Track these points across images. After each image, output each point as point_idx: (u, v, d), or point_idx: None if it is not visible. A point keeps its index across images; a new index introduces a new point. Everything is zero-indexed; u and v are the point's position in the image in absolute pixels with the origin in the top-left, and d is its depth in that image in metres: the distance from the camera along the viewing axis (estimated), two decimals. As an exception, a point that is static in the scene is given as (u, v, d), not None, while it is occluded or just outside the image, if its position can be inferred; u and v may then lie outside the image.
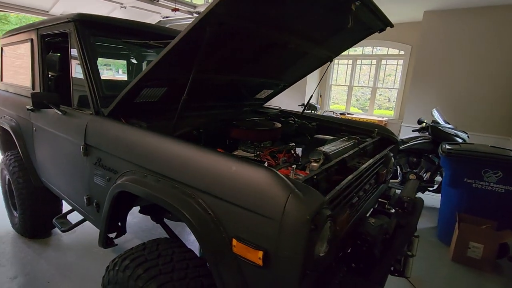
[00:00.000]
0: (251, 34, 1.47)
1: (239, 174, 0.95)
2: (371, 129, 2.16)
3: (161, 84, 1.59)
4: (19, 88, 2.48)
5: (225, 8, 1.12)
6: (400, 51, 6.92)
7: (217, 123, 1.96)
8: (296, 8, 1.34)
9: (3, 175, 2.73)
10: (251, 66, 1.93)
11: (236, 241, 0.95)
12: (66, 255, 2.53)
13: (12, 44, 2.63)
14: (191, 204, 1.07)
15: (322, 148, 1.42)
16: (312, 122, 2.40)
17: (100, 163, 1.54)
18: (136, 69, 3.42)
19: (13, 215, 2.78)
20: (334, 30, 1.79)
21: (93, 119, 1.61)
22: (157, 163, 1.22)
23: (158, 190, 1.17)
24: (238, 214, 0.95)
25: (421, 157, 4.00)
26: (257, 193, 0.91)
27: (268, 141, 1.95)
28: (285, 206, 0.85)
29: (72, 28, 1.71)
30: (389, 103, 14.00)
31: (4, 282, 2.18)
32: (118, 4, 4.00)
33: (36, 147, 2.23)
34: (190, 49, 1.30)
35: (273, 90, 2.65)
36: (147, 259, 1.25)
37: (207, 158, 1.06)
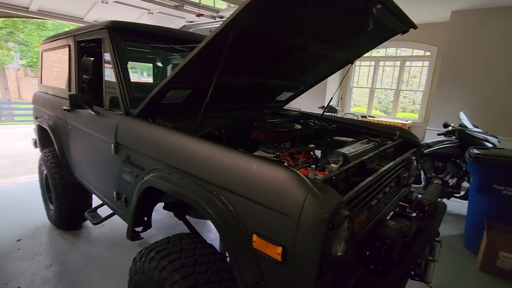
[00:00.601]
0: (271, 38, 1.51)
1: (259, 173, 1.00)
2: (393, 132, 2.13)
3: (186, 87, 1.68)
4: (57, 90, 2.69)
5: (248, 15, 1.17)
6: (426, 52, 6.68)
7: (239, 124, 2.02)
8: (316, 12, 1.37)
9: (41, 170, 2.96)
10: (272, 69, 1.97)
11: (256, 236, 1.00)
12: (95, 247, 2.70)
13: (51, 49, 2.85)
14: (214, 201, 1.12)
15: (342, 150, 1.44)
16: (332, 124, 2.40)
17: (129, 160, 1.64)
18: (162, 72, 3.58)
19: (49, 208, 3.00)
20: (354, 33, 1.79)
21: (123, 119, 1.72)
22: (181, 161, 1.30)
23: (182, 187, 1.24)
24: (258, 211, 1.00)
25: (447, 162, 3.85)
26: (276, 191, 0.95)
27: (288, 142, 1.98)
28: (303, 204, 0.88)
29: (106, 34, 1.84)
30: (413, 105, 13.50)
31: (41, 270, 2.36)
32: (145, 10, 4.21)
33: (71, 145, 2.40)
34: (213, 53, 1.36)
35: (293, 93, 2.68)
36: (171, 252, 1.32)
37: (229, 157, 1.11)
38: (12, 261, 2.46)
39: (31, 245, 2.69)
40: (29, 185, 4.19)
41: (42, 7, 3.79)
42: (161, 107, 1.76)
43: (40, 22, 12.15)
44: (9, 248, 2.63)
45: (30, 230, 2.95)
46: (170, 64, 3.50)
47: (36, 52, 13.37)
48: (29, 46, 13.20)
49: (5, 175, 4.60)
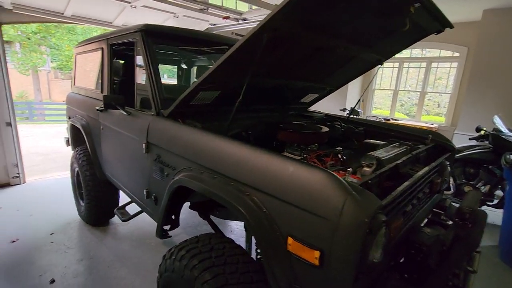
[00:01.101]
0: (302, 39, 1.50)
1: (296, 175, 0.99)
2: (424, 135, 2.05)
3: (215, 88, 1.70)
4: (89, 91, 2.81)
5: (283, 16, 1.17)
6: (455, 53, 6.40)
7: (265, 125, 2.02)
8: (351, 12, 1.35)
9: (73, 168, 3.10)
10: (299, 70, 1.96)
11: (292, 239, 0.99)
12: (122, 244, 2.79)
13: (84, 52, 2.99)
14: (246, 201, 1.13)
15: (374, 153, 1.40)
16: (358, 126, 2.35)
17: (160, 159, 1.69)
18: (186, 73, 3.66)
19: (79, 204, 3.14)
20: (386, 33, 1.75)
21: (155, 120, 1.77)
22: (213, 161, 1.31)
23: (214, 186, 1.26)
24: (293, 213, 0.99)
25: (480, 168, 3.65)
26: (314, 194, 0.93)
27: (315, 145, 1.95)
28: (342, 208, 0.87)
29: (139, 37, 1.91)
30: (438, 108, 12.99)
31: (72, 263, 2.47)
32: (171, 14, 4.32)
33: (103, 144, 2.50)
34: (246, 55, 1.37)
35: (318, 94, 2.65)
36: (201, 251, 1.34)
37: (264, 158, 1.11)
38: (46, 254, 2.59)
39: (63, 239, 2.82)
40: (60, 181, 4.41)
41: (75, 12, 3.99)
42: (190, 108, 1.80)
43: (70, 27, 12.81)
44: (43, 241, 2.77)
45: (62, 224, 3.10)
46: (194, 66, 3.58)
47: (66, 56, 14.11)
48: (60, 49, 13.95)
49: (38, 172, 4.87)
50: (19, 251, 2.61)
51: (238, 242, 1.40)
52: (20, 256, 2.54)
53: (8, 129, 3.87)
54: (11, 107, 3.85)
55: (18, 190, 3.98)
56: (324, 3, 1.20)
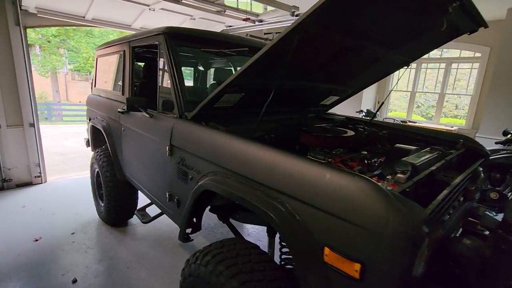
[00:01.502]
0: (331, 40, 1.46)
1: (334, 182, 0.95)
2: (455, 139, 1.96)
3: (240, 90, 1.68)
4: (110, 93, 2.85)
5: (316, 18, 1.14)
6: (476, 53, 6.19)
7: (287, 128, 1.98)
8: (385, 12, 1.30)
9: (93, 169, 3.15)
10: (324, 72, 1.91)
11: (329, 250, 0.95)
12: (140, 244, 2.80)
13: (105, 55, 3.03)
14: (278, 207, 1.09)
15: (408, 159, 1.34)
16: (382, 130, 2.28)
17: (184, 162, 1.67)
18: (202, 75, 3.67)
19: (99, 205, 3.18)
20: (417, 34, 1.68)
21: (178, 122, 1.76)
22: (242, 165, 1.28)
23: (242, 191, 1.23)
24: (331, 222, 0.95)
25: (506, 174, 3.49)
26: (354, 202, 0.89)
27: (339, 149, 1.90)
28: (387, 219, 0.82)
29: (162, 40, 1.91)
30: (456, 110, 12.61)
31: (93, 263, 2.50)
32: (188, 16, 4.35)
33: (123, 145, 2.52)
34: (274, 57, 1.34)
35: (339, 97, 2.59)
36: (227, 257, 1.31)
37: (297, 164, 1.07)
38: (68, 253, 2.63)
39: (84, 239, 2.86)
40: (79, 181, 4.50)
41: (96, 16, 4.08)
42: (212, 111, 1.78)
43: (88, 30, 13.15)
44: (65, 241, 2.82)
45: (82, 224, 3.15)
46: (211, 68, 3.58)
47: (84, 58, 14.49)
48: (78, 52, 14.34)
49: (58, 171, 4.99)
50: (42, 249, 2.67)
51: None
52: (43, 254, 2.59)
53: (31, 129, 3.98)
54: (34, 109, 3.96)
55: (40, 189, 4.08)
56: (360, 2, 1.16)
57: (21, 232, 2.94)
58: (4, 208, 3.46)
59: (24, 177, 4.10)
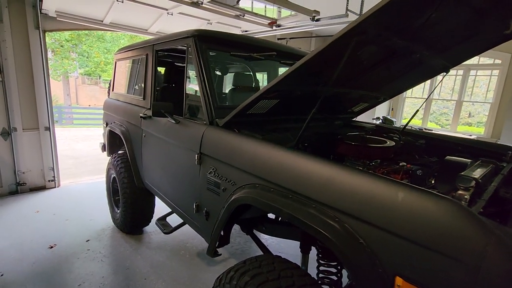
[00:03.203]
0: (384, 42, 1.36)
1: (409, 203, 0.83)
2: (500, 150, 1.83)
3: (277, 96, 1.58)
4: (130, 97, 2.77)
5: (376, 18, 1.03)
6: (496, 60, 6.03)
7: (321, 136, 1.87)
8: (447, 12, 1.19)
9: (109, 174, 3.06)
10: (363, 77, 1.80)
11: (402, 280, 0.82)
12: (157, 254, 2.70)
13: (126, 58, 2.97)
14: (336, 228, 0.98)
15: (469, 174, 1.21)
16: (418, 139, 2.15)
17: (216, 173, 1.57)
18: (219, 80, 3.59)
19: (114, 211, 3.09)
20: (468, 36, 1.57)
21: (209, 129, 1.67)
22: (289, 178, 1.17)
23: (291, 208, 1.11)
24: (405, 248, 0.83)
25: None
26: (439, 227, 0.77)
27: (376, 160, 1.78)
28: (485, 250, 0.70)
29: (192, 43, 1.82)
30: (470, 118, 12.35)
31: (110, 274, 2.39)
32: (205, 20, 4.30)
33: (144, 151, 2.43)
34: (324, 60, 1.24)
35: (369, 103, 2.47)
36: (268, 279, 1.20)
37: (359, 179, 0.96)
38: (83, 262, 2.53)
39: (99, 247, 2.77)
40: (92, 185, 4.43)
41: (114, 20, 4.05)
42: (244, 118, 1.69)
43: (100, 34, 13.31)
44: (80, 248, 2.73)
45: (97, 231, 3.06)
46: (229, 73, 3.50)
47: (95, 62, 14.64)
48: (89, 56, 14.51)
49: (71, 175, 4.94)
50: (57, 257, 2.58)
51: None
52: (59, 263, 2.50)
53: (47, 133, 3.94)
54: (50, 113, 3.92)
55: (54, 194, 4.02)
56: (422, 4, 1.05)
57: (35, 238, 2.86)
58: (18, 213, 3.39)
59: (38, 181, 4.05)
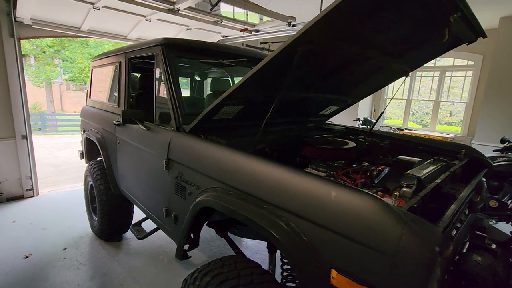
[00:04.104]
0: (335, 51, 1.44)
1: (340, 201, 0.90)
2: (456, 149, 1.94)
3: (240, 102, 1.64)
4: (105, 104, 2.79)
5: (318, 29, 1.11)
6: (469, 62, 6.29)
7: (287, 140, 1.94)
8: (388, 23, 1.28)
9: (86, 181, 3.05)
10: (324, 83, 1.89)
11: (336, 272, 0.89)
12: (135, 260, 2.70)
13: (101, 66, 2.98)
14: (282, 227, 1.04)
15: (413, 172, 1.30)
16: (383, 140, 2.25)
17: (182, 177, 1.61)
18: (199, 86, 3.64)
19: (92, 218, 3.08)
20: (419, 43, 1.67)
21: (176, 135, 1.71)
22: (244, 181, 1.23)
23: (245, 209, 1.17)
24: (338, 242, 0.90)
25: (505, 181, 3.48)
26: (363, 222, 0.84)
27: (340, 160, 1.86)
28: (400, 241, 0.77)
29: (159, 51, 1.87)
30: (450, 117, 12.77)
31: (85, 281, 2.39)
32: (184, 26, 4.35)
33: (118, 158, 2.45)
34: (275, 69, 1.31)
35: (339, 106, 2.57)
36: (228, 278, 1.24)
37: (302, 181, 1.03)
38: (59, 270, 2.52)
39: (76, 255, 2.75)
40: (72, 194, 4.38)
41: (92, 26, 4.05)
42: (211, 123, 1.74)
43: (83, 40, 13.14)
44: (56, 257, 2.71)
45: (74, 239, 3.04)
46: (208, 78, 3.55)
47: (79, 68, 14.43)
48: (73, 62, 14.29)
49: (50, 184, 4.86)
50: (32, 267, 2.55)
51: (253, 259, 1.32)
52: (34, 272, 2.48)
53: (24, 142, 3.89)
54: (27, 121, 3.87)
55: (32, 203, 3.96)
56: (364, 13, 1.14)
57: (10, 248, 2.82)
58: (-7, 224, 3.33)
59: (15, 191, 3.98)
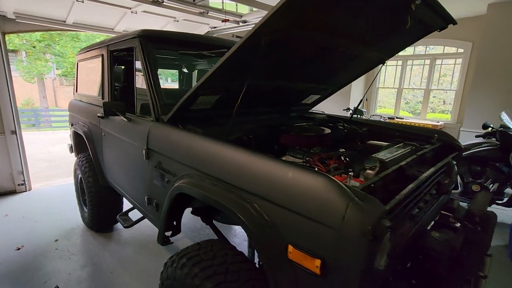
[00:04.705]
0: (304, 40, 1.48)
1: (296, 181, 0.96)
2: (430, 134, 2.00)
3: (215, 92, 1.68)
4: (91, 98, 2.82)
5: (280, 18, 1.15)
6: (459, 49, 6.31)
7: (266, 128, 1.99)
8: (351, 11, 1.32)
9: (76, 175, 3.10)
10: (301, 71, 1.93)
11: (292, 247, 0.96)
12: (125, 249, 2.78)
13: (86, 59, 2.99)
14: (247, 209, 1.10)
15: (377, 155, 1.36)
16: (362, 127, 2.30)
17: (160, 166, 1.67)
18: (187, 77, 3.66)
19: (83, 210, 3.14)
20: (389, 31, 1.71)
21: (155, 125, 1.76)
22: (214, 167, 1.29)
23: (215, 194, 1.23)
24: (294, 220, 0.96)
25: (487, 166, 3.57)
26: (314, 200, 0.90)
27: (317, 147, 1.92)
28: (344, 215, 0.84)
29: (137, 43, 1.90)
30: (444, 105, 12.84)
31: (76, 270, 2.47)
32: (171, 18, 4.33)
33: (104, 150, 2.50)
34: (244, 58, 1.35)
35: (320, 95, 2.61)
36: (203, 259, 1.31)
37: (263, 164, 1.08)
38: (51, 261, 2.59)
39: (67, 246, 2.82)
40: (65, 188, 4.43)
41: (77, 20, 4.03)
42: (190, 113, 1.78)
43: (74, 34, 12.96)
44: (48, 248, 2.78)
45: (66, 230, 3.11)
46: (196, 70, 3.57)
47: (71, 62, 14.27)
48: (64, 57, 14.12)
49: (43, 178, 4.91)
50: (24, 258, 2.62)
51: (242, 246, 1.39)
52: (26, 263, 2.55)
53: (13, 137, 3.91)
54: (15, 116, 3.88)
55: (24, 197, 4.01)
56: (321, 2, 1.17)
57: (3, 240, 2.88)
58: (-14, 218, 3.38)
59: (7, 185, 4.02)
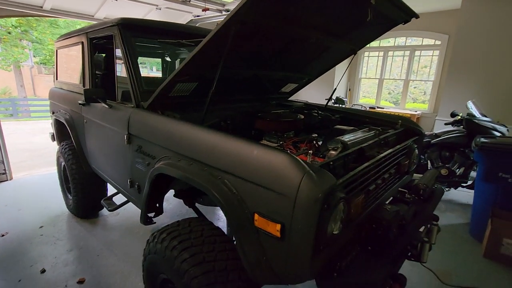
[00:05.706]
0: (274, 30, 1.58)
1: (260, 157, 1.08)
2: (395, 121, 2.17)
3: (192, 80, 1.77)
4: (72, 85, 2.83)
5: (249, 9, 1.24)
6: (436, 41, 6.55)
7: (243, 115, 2.10)
8: (316, 4, 1.42)
9: (59, 162, 3.13)
10: (276, 61, 2.03)
11: (258, 215, 1.09)
12: (111, 234, 2.87)
13: (65, 47, 2.98)
14: (218, 184, 1.22)
15: (341, 138, 1.50)
16: (335, 114, 2.45)
17: (141, 150, 1.76)
18: (170, 66, 3.69)
19: (67, 198, 3.18)
20: (355, 24, 1.83)
21: (135, 112, 1.83)
22: (189, 149, 1.39)
23: (190, 172, 1.34)
24: (259, 192, 1.09)
25: (455, 152, 3.84)
26: (275, 173, 1.03)
27: (292, 132, 2.05)
28: (299, 185, 0.97)
29: (117, 31, 1.94)
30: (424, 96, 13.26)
31: (62, 254, 2.54)
32: (153, 6, 4.30)
33: (87, 137, 2.54)
34: (218, 47, 1.44)
35: (298, 84, 2.73)
36: (181, 233, 1.44)
37: (231, 143, 1.20)
38: (36, 246, 2.65)
39: (53, 231, 2.88)
40: (48, 176, 4.42)
41: (55, 5, 3.93)
42: (169, 100, 1.86)
43: (52, 20, 12.44)
44: (33, 234, 2.82)
45: (51, 217, 3.15)
46: (178, 59, 3.60)
47: (50, 50, 13.73)
48: (43, 44, 13.57)
49: (26, 168, 4.86)
50: (9, 244, 2.66)
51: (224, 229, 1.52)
52: (11, 248, 2.60)
53: (-8, 126, 3.85)
54: (-7, 104, 3.81)
55: (5, 187, 3.98)
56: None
57: (-14, 229, 2.91)
58: (-33, 207, 3.37)
59: (-13, 175, 3.98)
